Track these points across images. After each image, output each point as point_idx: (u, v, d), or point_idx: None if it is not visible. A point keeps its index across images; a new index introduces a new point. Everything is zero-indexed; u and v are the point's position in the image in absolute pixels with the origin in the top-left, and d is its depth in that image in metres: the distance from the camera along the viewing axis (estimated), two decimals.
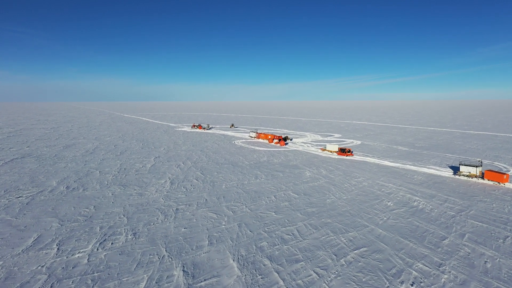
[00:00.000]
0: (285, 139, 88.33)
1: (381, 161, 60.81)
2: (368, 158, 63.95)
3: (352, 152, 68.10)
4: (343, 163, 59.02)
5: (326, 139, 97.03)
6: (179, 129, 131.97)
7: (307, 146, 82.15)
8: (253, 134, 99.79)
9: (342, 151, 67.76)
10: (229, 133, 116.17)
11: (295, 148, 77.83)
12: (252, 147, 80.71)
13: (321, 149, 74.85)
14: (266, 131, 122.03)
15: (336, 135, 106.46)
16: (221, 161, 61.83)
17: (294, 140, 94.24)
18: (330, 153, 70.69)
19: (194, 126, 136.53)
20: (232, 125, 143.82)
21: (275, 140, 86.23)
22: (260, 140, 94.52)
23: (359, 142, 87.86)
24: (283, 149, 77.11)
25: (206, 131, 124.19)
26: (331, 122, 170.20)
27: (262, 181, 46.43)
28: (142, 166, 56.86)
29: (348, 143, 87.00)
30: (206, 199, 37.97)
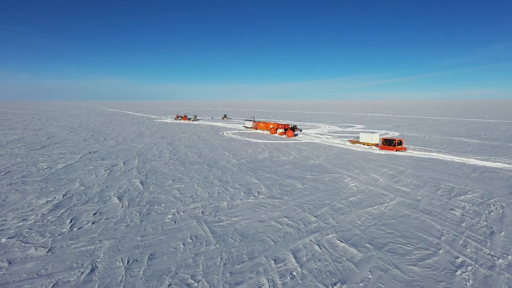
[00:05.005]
0: (293, 128, 63.23)
1: (463, 159, 35.70)
2: (433, 154, 38.86)
3: (403, 145, 43.01)
4: (401, 162, 33.89)
5: (347, 130, 71.89)
6: (159, 120, 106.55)
7: (326, 137, 57.04)
8: (250, 124, 74.61)
9: (388, 143, 42.69)
10: (219, 124, 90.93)
11: (310, 140, 52.73)
12: (247, 139, 55.56)
13: (350, 141, 49.76)
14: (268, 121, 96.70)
15: (359, 126, 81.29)
16: (193, 158, 36.69)
17: (304, 131, 69.14)
18: (367, 146, 45.62)
19: (177, 117, 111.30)
20: (225, 116, 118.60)
21: (280, 130, 61.11)
22: (259, 131, 69.40)
23: (397, 133, 62.74)
24: (292, 141, 52.03)
25: (191, 122, 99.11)
26: (343, 114, 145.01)
27: (261, 201, 21.32)
28: (47, 167, 31.65)
29: (382, 134, 61.89)
30: (73, 279, 12.83)
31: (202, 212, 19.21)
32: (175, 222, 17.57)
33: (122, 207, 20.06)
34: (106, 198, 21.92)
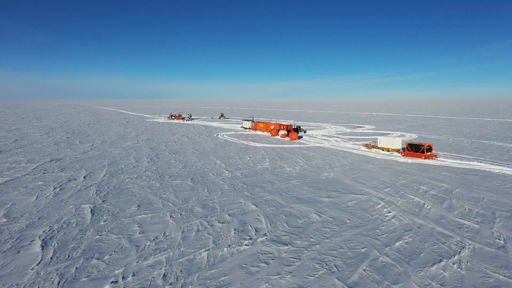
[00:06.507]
0: (296, 129, 55.82)
1: None
2: (473, 163, 31.44)
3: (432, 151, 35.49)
4: (439, 176, 26.44)
5: (356, 131, 64.49)
6: (151, 120, 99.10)
7: (335, 140, 49.65)
8: (248, 124, 67.17)
9: (415, 149, 35.24)
10: (215, 124, 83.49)
11: (317, 144, 45.32)
12: (244, 142, 48.14)
13: (366, 145, 42.39)
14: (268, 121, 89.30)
15: (368, 127, 73.86)
16: (175, 169, 29.25)
17: (309, 132, 61.75)
18: (387, 152, 38.27)
19: (171, 116, 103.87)
20: (222, 115, 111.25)
21: (282, 132, 53.71)
22: (258, 132, 61.97)
23: (414, 135, 55.33)
24: (297, 145, 44.61)
25: (185, 121, 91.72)
26: (347, 113, 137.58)
27: (260, 249, 13.87)
28: None
29: (399, 136, 54.39)
30: None
31: (164, 275, 11.78)
32: None
33: (38, 263, 12.61)
34: (25, 242, 14.48)
